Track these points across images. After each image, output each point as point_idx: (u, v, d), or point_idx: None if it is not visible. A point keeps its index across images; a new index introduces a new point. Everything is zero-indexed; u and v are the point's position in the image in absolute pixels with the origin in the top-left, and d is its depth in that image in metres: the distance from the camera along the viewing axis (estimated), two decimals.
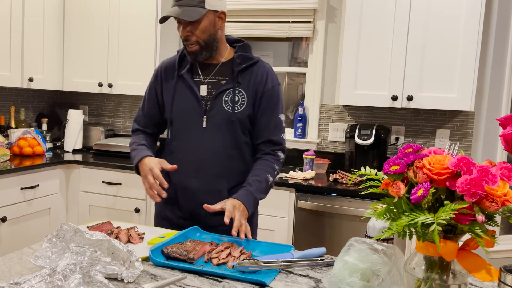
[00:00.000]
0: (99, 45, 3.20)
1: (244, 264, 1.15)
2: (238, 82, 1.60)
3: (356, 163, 2.80)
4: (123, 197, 2.86)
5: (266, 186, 1.59)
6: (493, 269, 0.85)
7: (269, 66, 1.68)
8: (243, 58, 1.63)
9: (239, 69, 1.61)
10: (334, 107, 3.09)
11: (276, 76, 1.67)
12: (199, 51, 1.57)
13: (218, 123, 1.59)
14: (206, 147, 1.60)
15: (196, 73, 1.65)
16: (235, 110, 1.59)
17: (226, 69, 1.63)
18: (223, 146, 1.60)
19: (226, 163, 1.61)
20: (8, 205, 2.54)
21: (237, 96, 1.60)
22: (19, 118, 3.24)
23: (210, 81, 1.63)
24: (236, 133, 1.60)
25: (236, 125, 1.59)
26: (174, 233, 1.45)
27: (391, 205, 0.89)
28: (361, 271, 0.97)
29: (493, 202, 0.79)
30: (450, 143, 0.97)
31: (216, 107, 1.59)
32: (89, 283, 0.97)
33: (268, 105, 1.62)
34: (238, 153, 1.63)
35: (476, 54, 2.49)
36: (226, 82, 1.61)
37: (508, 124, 0.88)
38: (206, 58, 1.61)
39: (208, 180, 1.60)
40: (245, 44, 1.68)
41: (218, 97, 1.60)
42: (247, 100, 1.60)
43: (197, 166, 1.60)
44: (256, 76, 1.62)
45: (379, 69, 2.64)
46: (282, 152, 1.67)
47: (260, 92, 1.61)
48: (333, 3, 3.04)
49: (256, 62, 1.64)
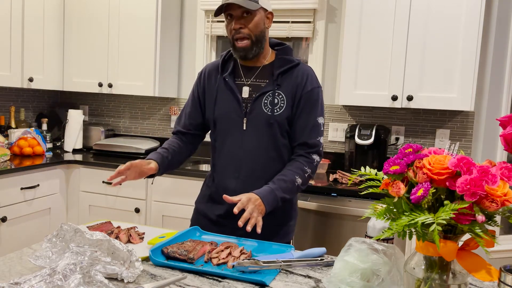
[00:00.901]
0: (99, 45, 3.20)
1: (244, 264, 1.15)
2: (278, 84, 1.61)
3: (356, 163, 2.80)
4: (123, 197, 2.86)
5: (292, 187, 1.57)
6: (493, 269, 0.85)
7: (310, 69, 1.68)
8: (283, 60, 1.64)
9: (279, 72, 1.61)
10: (334, 107, 3.09)
11: (316, 78, 1.67)
12: (250, 47, 1.58)
13: (257, 125, 1.61)
14: (245, 149, 1.62)
15: (238, 76, 1.67)
16: (274, 112, 1.60)
17: (267, 71, 1.65)
18: (262, 148, 1.61)
19: (265, 165, 1.62)
20: (8, 205, 2.54)
21: (276, 98, 1.60)
22: (19, 118, 3.24)
23: (252, 84, 1.64)
24: (275, 135, 1.61)
25: (275, 127, 1.60)
26: (174, 233, 1.45)
27: (391, 205, 0.89)
28: (361, 271, 0.97)
29: (493, 202, 0.79)
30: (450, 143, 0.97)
31: (256, 110, 1.61)
32: (89, 283, 0.97)
33: (306, 107, 1.62)
34: (277, 155, 1.63)
35: (476, 54, 2.49)
36: (266, 85, 1.62)
37: (508, 124, 0.88)
38: (255, 55, 1.61)
39: (246, 181, 1.62)
40: (287, 47, 1.69)
41: (258, 99, 1.61)
42: (286, 103, 1.60)
43: (236, 167, 1.63)
44: (296, 79, 1.62)
45: (379, 69, 2.64)
46: (317, 155, 1.64)
47: (299, 94, 1.61)
48: (333, 3, 3.04)
49: (297, 65, 1.64)
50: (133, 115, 3.56)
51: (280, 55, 1.66)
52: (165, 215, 2.79)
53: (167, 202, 2.78)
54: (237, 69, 1.68)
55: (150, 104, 3.51)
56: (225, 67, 1.70)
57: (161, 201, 2.78)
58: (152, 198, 2.81)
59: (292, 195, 1.61)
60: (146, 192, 2.82)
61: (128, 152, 3.11)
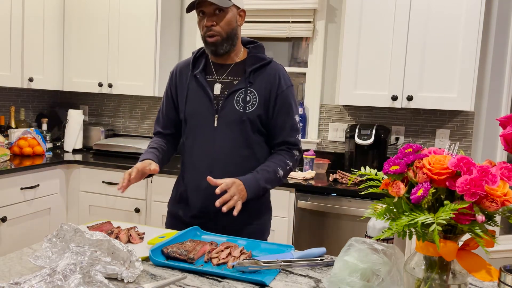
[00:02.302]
0: (99, 45, 3.20)
1: (244, 264, 1.15)
2: (250, 82, 1.61)
3: (356, 163, 2.80)
4: (123, 197, 2.86)
5: (274, 178, 1.60)
6: (493, 269, 0.85)
7: (282, 67, 1.69)
8: (255, 58, 1.64)
9: (251, 69, 1.62)
10: (334, 107, 3.09)
11: (288, 77, 1.68)
12: (220, 42, 1.58)
13: (229, 123, 1.60)
14: (217, 146, 1.61)
15: (210, 73, 1.67)
16: (247, 110, 1.60)
17: (239, 69, 1.65)
18: (234, 145, 1.61)
19: (238, 162, 1.62)
20: (8, 205, 2.54)
21: (248, 96, 1.61)
22: (19, 118, 3.24)
23: (224, 81, 1.64)
24: (247, 132, 1.61)
25: (247, 124, 1.60)
26: (174, 233, 1.45)
27: (391, 205, 0.89)
28: (361, 271, 0.97)
29: (493, 202, 0.79)
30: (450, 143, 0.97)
31: (227, 107, 1.60)
32: (89, 283, 0.97)
33: (283, 107, 1.63)
34: (250, 152, 1.63)
35: (476, 54, 2.49)
36: (239, 82, 1.62)
37: (508, 124, 0.88)
38: (226, 51, 1.61)
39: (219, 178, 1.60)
40: (259, 45, 1.70)
41: (230, 96, 1.61)
42: (258, 101, 1.61)
43: (208, 165, 1.62)
44: (269, 77, 1.63)
45: (379, 69, 2.64)
46: (298, 151, 1.68)
47: (274, 94, 1.62)
48: (333, 3, 3.04)
49: (269, 63, 1.65)
50: (133, 115, 3.56)
51: (252, 53, 1.66)
52: (165, 215, 2.78)
53: (167, 202, 2.77)
54: (208, 66, 1.68)
55: (150, 104, 3.51)
56: (197, 64, 1.69)
57: (161, 201, 2.78)
58: (152, 198, 2.81)
59: (274, 186, 1.63)
60: (146, 192, 2.82)
61: (128, 152, 3.11)
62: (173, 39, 3.29)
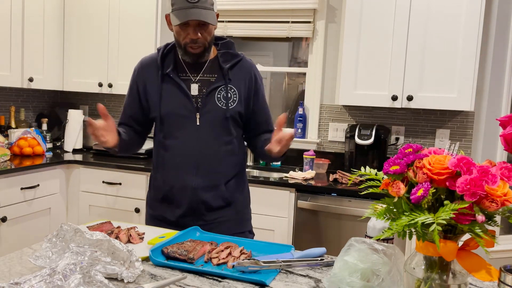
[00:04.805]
0: (99, 45, 3.20)
1: (244, 264, 1.15)
2: (229, 79, 1.64)
3: (356, 163, 2.80)
4: (123, 197, 2.86)
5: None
6: (493, 269, 0.85)
7: (253, 62, 1.74)
8: (229, 55, 1.67)
9: (228, 66, 1.64)
10: (334, 107, 3.09)
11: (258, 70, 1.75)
12: (203, 53, 1.58)
13: (212, 120, 1.62)
14: (201, 144, 1.62)
15: (182, 71, 1.65)
16: (229, 106, 1.62)
17: (214, 66, 1.65)
18: (218, 141, 1.63)
19: (222, 159, 1.64)
20: (8, 205, 2.54)
21: (229, 93, 1.63)
22: (19, 118, 3.24)
23: (200, 79, 1.64)
24: (229, 128, 1.64)
25: (230, 121, 1.63)
26: (174, 233, 1.45)
27: (391, 205, 0.89)
28: (361, 271, 0.97)
29: (493, 202, 0.79)
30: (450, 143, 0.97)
31: (209, 104, 1.61)
32: (89, 283, 0.97)
33: (262, 100, 1.72)
34: (232, 147, 1.67)
35: (476, 54, 2.49)
36: (216, 79, 1.63)
37: (508, 124, 0.88)
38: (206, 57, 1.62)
39: (206, 176, 1.63)
40: (228, 41, 1.71)
41: (210, 94, 1.62)
42: (238, 97, 1.64)
43: (193, 163, 1.62)
44: (245, 73, 1.67)
45: (379, 69, 2.64)
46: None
47: (253, 89, 1.68)
48: (333, 3, 3.04)
49: (241, 59, 1.69)
50: None
51: (223, 49, 1.67)
52: None
53: None
54: (179, 64, 1.66)
55: None
56: (165, 61, 1.66)
57: None
58: None
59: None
60: (146, 192, 2.82)
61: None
62: (173, 39, 3.28)
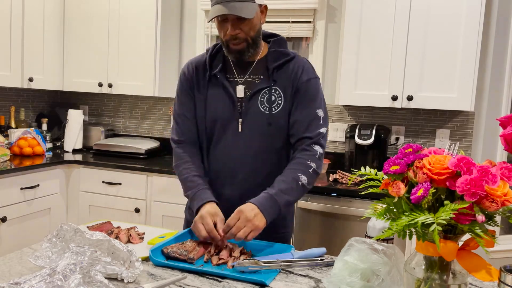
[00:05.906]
0: (99, 45, 3.20)
1: (244, 264, 1.15)
2: (274, 80, 1.47)
3: (356, 163, 2.80)
4: (123, 197, 2.86)
5: (296, 186, 1.41)
6: (493, 269, 0.85)
7: (306, 60, 1.54)
8: (278, 54, 1.50)
9: (274, 66, 1.48)
10: (334, 107, 3.09)
11: (313, 69, 1.53)
12: (246, 49, 1.44)
13: (254, 126, 1.47)
14: (241, 152, 1.48)
15: (230, 72, 1.52)
16: (273, 111, 1.46)
17: (261, 66, 1.50)
18: (261, 150, 1.48)
19: (264, 169, 1.49)
20: (8, 205, 2.54)
21: (273, 95, 1.46)
22: (19, 118, 3.24)
23: (246, 81, 1.50)
24: (274, 136, 1.48)
25: (274, 127, 1.47)
26: (174, 233, 1.45)
27: (391, 205, 0.89)
28: (361, 271, 0.97)
29: (493, 202, 0.79)
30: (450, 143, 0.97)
31: (252, 109, 1.47)
32: (89, 283, 0.97)
33: (304, 99, 1.47)
34: (276, 157, 1.50)
35: (476, 54, 2.49)
36: (261, 81, 1.48)
37: (508, 124, 0.88)
38: (251, 55, 1.48)
39: (244, 187, 1.49)
40: (281, 39, 1.55)
41: (253, 97, 1.47)
42: (284, 99, 1.47)
43: (231, 173, 1.50)
44: (292, 72, 1.48)
45: (379, 69, 2.64)
46: (318, 146, 1.47)
47: (294, 87, 1.47)
48: (333, 3, 3.04)
49: (292, 58, 1.51)
50: (133, 115, 3.56)
51: (274, 48, 1.51)
52: (165, 215, 2.79)
53: (167, 202, 2.78)
54: (227, 65, 1.53)
55: (150, 104, 3.51)
56: (214, 62, 1.53)
57: (161, 201, 2.78)
58: (152, 198, 2.81)
59: (299, 196, 1.43)
60: (146, 192, 2.82)
61: (128, 152, 3.11)
62: (173, 39, 3.29)
